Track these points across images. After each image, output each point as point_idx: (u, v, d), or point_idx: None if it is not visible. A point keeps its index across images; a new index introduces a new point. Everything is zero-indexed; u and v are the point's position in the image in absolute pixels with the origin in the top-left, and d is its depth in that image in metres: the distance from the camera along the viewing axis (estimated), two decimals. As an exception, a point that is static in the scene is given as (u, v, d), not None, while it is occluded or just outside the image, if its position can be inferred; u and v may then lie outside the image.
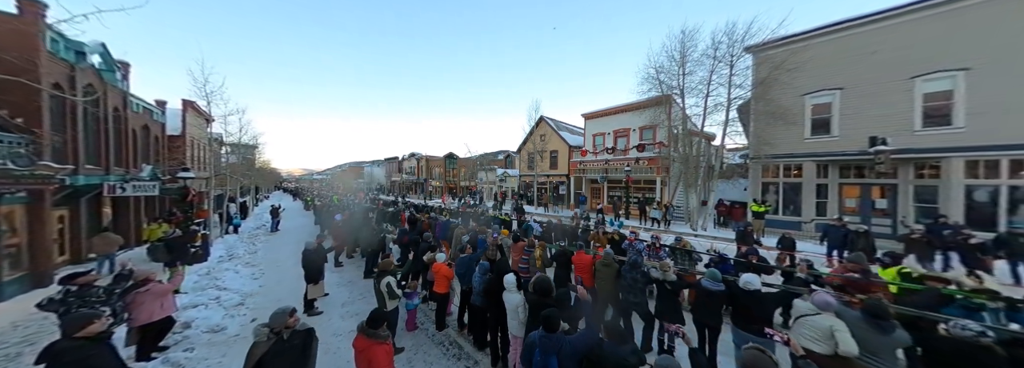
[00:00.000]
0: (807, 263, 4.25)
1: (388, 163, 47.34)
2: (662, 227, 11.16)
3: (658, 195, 12.91)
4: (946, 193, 7.51)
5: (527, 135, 20.95)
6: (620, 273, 3.89)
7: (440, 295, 4.25)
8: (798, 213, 9.52)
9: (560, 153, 19.48)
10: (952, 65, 7.48)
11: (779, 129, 9.50)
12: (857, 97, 8.71)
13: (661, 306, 3.53)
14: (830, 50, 9.10)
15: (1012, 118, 6.83)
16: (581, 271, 4.41)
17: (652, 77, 12.02)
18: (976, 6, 7.21)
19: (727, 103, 10.25)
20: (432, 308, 4.56)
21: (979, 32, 7.18)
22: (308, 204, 19.09)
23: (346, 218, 9.08)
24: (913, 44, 7.91)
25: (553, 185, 20.00)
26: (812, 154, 9.35)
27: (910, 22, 7.98)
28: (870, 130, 8.23)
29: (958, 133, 7.44)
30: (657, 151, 12.86)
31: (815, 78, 9.22)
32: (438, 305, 4.32)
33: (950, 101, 7.58)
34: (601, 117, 16.79)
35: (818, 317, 2.66)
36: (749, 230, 6.35)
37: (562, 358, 2.10)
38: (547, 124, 20.44)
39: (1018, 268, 5.28)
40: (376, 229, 7.45)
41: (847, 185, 9.06)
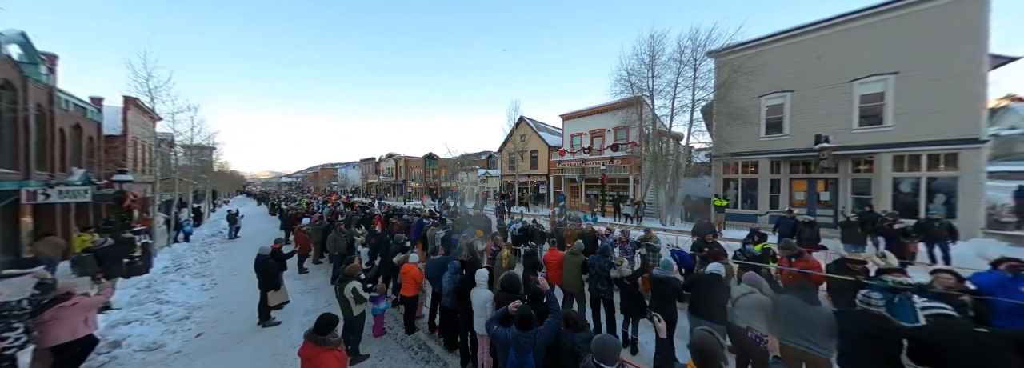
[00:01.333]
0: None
1: (364, 164, 45.72)
2: (634, 223, 11.55)
3: (631, 192, 13.37)
4: (878, 185, 8.34)
5: (507, 136, 21.01)
6: (587, 264, 4.01)
7: (409, 298, 4.16)
8: (755, 206, 10.21)
9: (540, 153, 19.69)
10: (883, 70, 8.31)
11: (738, 129, 10.14)
12: (805, 99, 9.47)
13: (624, 301, 3.65)
14: (781, 55, 9.83)
15: (931, 117, 7.69)
16: (551, 268, 4.48)
17: (624, 79, 12.45)
18: (902, 17, 8.07)
19: (691, 104, 10.82)
20: (402, 312, 4.45)
21: (905, 40, 8.04)
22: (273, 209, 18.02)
23: (314, 222, 8.68)
24: (851, 50, 8.72)
25: (534, 185, 20.18)
26: (766, 152, 10.06)
27: (848, 30, 8.79)
28: (816, 129, 8.97)
29: (887, 131, 8.29)
30: (630, 151, 13.32)
31: (769, 81, 9.93)
32: (407, 308, 4.23)
33: (882, 102, 8.41)
34: (578, 118, 17.15)
35: (753, 294, 2.87)
36: (707, 222, 6.72)
37: (536, 351, 2.18)
38: (527, 124, 20.59)
39: (934, 250, 5.95)
40: (345, 232, 7.16)
41: (796, 180, 9.83)
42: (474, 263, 3.98)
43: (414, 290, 4.14)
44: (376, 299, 4.06)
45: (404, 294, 4.18)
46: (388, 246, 5.23)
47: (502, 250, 4.84)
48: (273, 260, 4.78)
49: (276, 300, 4.72)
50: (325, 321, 2.44)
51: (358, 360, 3.63)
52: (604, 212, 13.63)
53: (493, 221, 9.42)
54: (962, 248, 6.03)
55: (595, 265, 3.88)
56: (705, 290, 3.21)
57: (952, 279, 3.13)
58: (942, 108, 7.59)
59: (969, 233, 7.19)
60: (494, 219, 10.02)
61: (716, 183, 11.23)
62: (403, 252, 4.63)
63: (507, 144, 20.98)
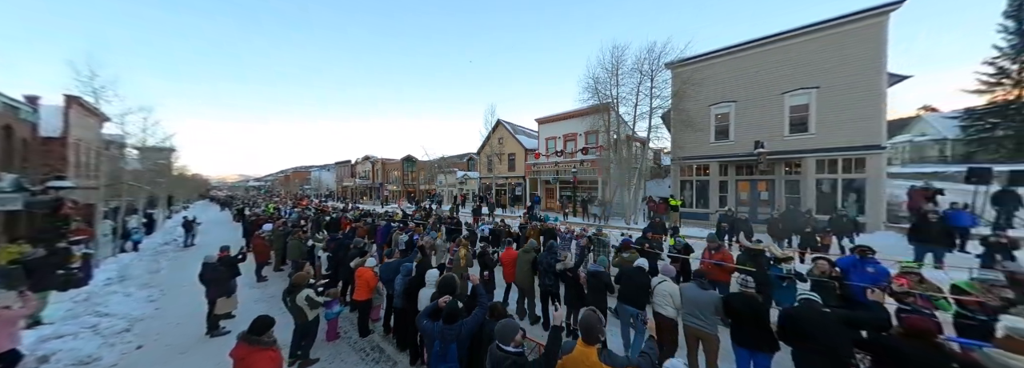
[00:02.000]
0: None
1: (339, 167, 44.06)
2: (602, 222, 12.20)
3: (599, 194, 14.09)
4: (805, 185, 9.48)
5: (485, 139, 21.28)
6: (537, 260, 4.33)
7: (361, 302, 4.22)
8: (707, 206, 11.18)
9: (517, 156, 20.11)
10: (807, 84, 9.49)
11: (691, 135, 11.09)
12: (747, 108, 10.56)
13: (567, 293, 3.99)
14: (726, 68, 10.91)
15: (844, 126, 8.90)
16: (507, 266, 4.74)
17: (591, 87, 13.18)
18: (819, 39, 9.28)
19: (649, 112, 11.68)
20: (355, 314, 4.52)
21: (823, 59, 9.24)
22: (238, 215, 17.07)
23: (277, 227, 8.43)
24: (781, 66, 9.87)
25: (511, 186, 20.55)
26: (716, 156, 11.08)
27: (778, 48, 9.95)
28: (755, 135, 10.04)
29: (811, 138, 9.46)
30: (598, 154, 14.04)
31: (716, 92, 10.97)
32: (360, 312, 4.29)
33: (807, 113, 9.59)
34: (553, 122, 17.77)
35: (665, 283, 3.34)
36: (658, 221, 7.36)
37: (460, 340, 2.37)
38: (504, 128, 20.97)
39: (842, 241, 6.92)
40: (304, 238, 7.07)
41: (741, 181, 10.90)
42: (425, 264, 4.11)
43: (367, 294, 4.19)
44: (329, 303, 4.11)
45: (356, 298, 4.24)
46: (348, 250, 5.24)
47: (460, 250, 5.06)
48: (223, 267, 4.66)
49: (224, 308, 4.64)
50: (261, 322, 2.44)
51: (306, 364, 3.67)
52: (575, 212, 14.24)
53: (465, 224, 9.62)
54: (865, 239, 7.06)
55: (543, 261, 4.20)
56: (629, 280, 3.64)
57: (826, 265, 3.80)
58: (852, 118, 8.82)
59: (874, 227, 8.39)
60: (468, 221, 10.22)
61: (674, 185, 12.16)
62: (361, 256, 4.62)
63: (485, 147, 21.26)
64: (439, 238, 6.31)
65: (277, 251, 7.47)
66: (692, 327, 3.09)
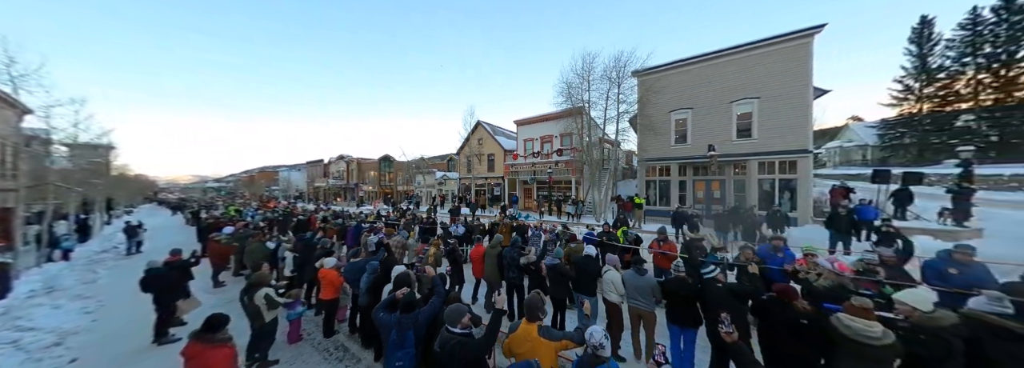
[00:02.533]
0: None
1: (311, 167, 41.89)
2: (574, 220, 12.84)
3: (574, 193, 14.79)
4: (749, 185, 10.69)
5: (464, 139, 21.43)
6: (501, 254, 4.50)
7: (327, 302, 4.20)
8: (668, 203, 12.18)
9: (496, 156, 20.45)
10: (750, 94, 10.73)
11: (654, 138, 12.06)
12: (701, 115, 11.69)
13: (531, 285, 4.30)
14: (683, 78, 12.01)
15: (780, 133, 10.18)
16: (476, 261, 4.99)
17: (565, 91, 13.87)
18: (759, 55, 10.55)
19: (617, 116, 12.54)
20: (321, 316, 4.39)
21: (762, 72, 10.51)
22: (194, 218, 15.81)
23: (239, 230, 8.04)
24: (729, 78, 11.08)
25: (490, 187, 20.83)
26: (676, 158, 12.13)
27: (726, 62, 11.16)
28: (709, 139, 11.14)
29: (754, 142, 10.70)
30: (573, 155, 14.74)
31: (676, 99, 12.03)
32: (326, 312, 4.26)
33: (751, 120, 10.83)
34: (530, 124, 18.33)
35: (610, 272, 3.79)
36: (621, 218, 8.03)
37: (417, 328, 2.47)
38: (484, 129, 21.24)
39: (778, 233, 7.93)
40: (268, 239, 6.87)
41: (698, 181, 12.02)
42: (391, 261, 4.16)
43: (333, 293, 4.16)
44: (291, 304, 4.01)
45: (322, 298, 4.21)
46: (314, 251, 5.09)
47: (430, 248, 5.26)
48: (173, 272, 4.43)
49: (189, 308, 4.39)
50: (216, 320, 2.38)
51: (265, 365, 3.59)
52: (550, 211, 14.81)
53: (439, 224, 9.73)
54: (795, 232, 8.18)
55: (507, 256, 4.46)
56: (582, 269, 4.06)
57: (750, 252, 4.48)
58: (786, 126, 10.11)
59: (803, 221, 9.66)
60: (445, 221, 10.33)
61: (640, 184, 13.11)
62: (327, 257, 4.53)
63: (464, 147, 21.40)
64: (411, 238, 6.44)
65: (236, 255, 7.13)
66: (634, 307, 3.51)
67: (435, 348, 2.14)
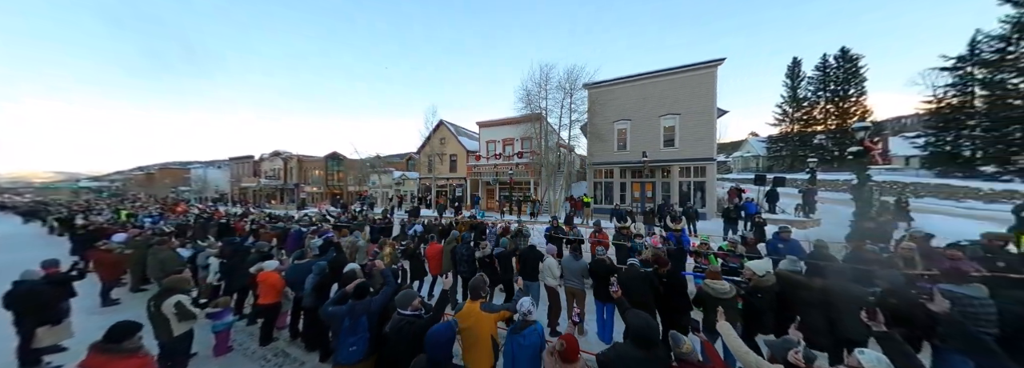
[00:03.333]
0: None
1: (237, 164, 36.32)
2: (532, 219, 13.91)
3: (532, 193, 15.95)
4: (672, 186, 13.00)
5: (426, 138, 21.20)
6: (454, 250, 4.88)
7: (267, 307, 3.90)
8: (611, 202, 14.07)
9: (459, 157, 20.70)
10: (673, 111, 13.06)
11: (601, 145, 13.81)
12: (638, 126, 13.79)
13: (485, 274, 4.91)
14: (624, 93, 14.03)
15: (694, 144, 12.63)
16: (432, 259, 5.16)
17: (524, 97, 14.98)
18: (678, 78, 12.95)
19: (569, 124, 14.04)
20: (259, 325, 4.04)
21: (681, 93, 12.92)
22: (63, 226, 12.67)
23: (135, 237, 6.72)
24: (658, 95, 13.33)
25: (452, 187, 20.97)
26: (618, 162, 14.08)
27: (657, 81, 13.43)
28: (643, 147, 13.22)
29: (676, 151, 13.05)
30: (532, 158, 15.89)
31: (618, 111, 13.98)
32: (265, 318, 3.95)
33: (674, 132, 13.17)
34: (493, 126, 19.08)
35: (549, 259, 4.61)
36: (570, 215, 9.23)
37: (370, 315, 2.55)
38: (446, 128, 21.32)
39: (690, 226, 9.93)
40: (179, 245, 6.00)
41: (635, 183, 14.13)
42: (341, 260, 4.11)
43: (274, 297, 3.89)
44: (217, 314, 3.61)
45: (262, 303, 3.91)
46: (245, 255, 4.76)
47: (385, 248, 5.13)
48: (50, 287, 3.59)
49: (50, 339, 3.47)
50: (121, 328, 2.03)
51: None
52: (511, 211, 15.71)
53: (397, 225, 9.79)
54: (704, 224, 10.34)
55: (458, 251, 4.78)
56: (526, 258, 4.56)
57: (657, 239, 5.81)
58: (698, 138, 12.60)
59: (710, 215, 12.12)
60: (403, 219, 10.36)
61: (589, 185, 14.83)
62: (263, 260, 4.25)
63: (425, 146, 21.16)
64: (363, 239, 6.21)
65: (134, 267, 5.90)
66: (569, 286, 4.10)
67: (386, 330, 2.29)
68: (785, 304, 2.77)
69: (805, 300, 2.66)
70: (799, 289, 2.74)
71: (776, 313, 2.76)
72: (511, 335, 2.25)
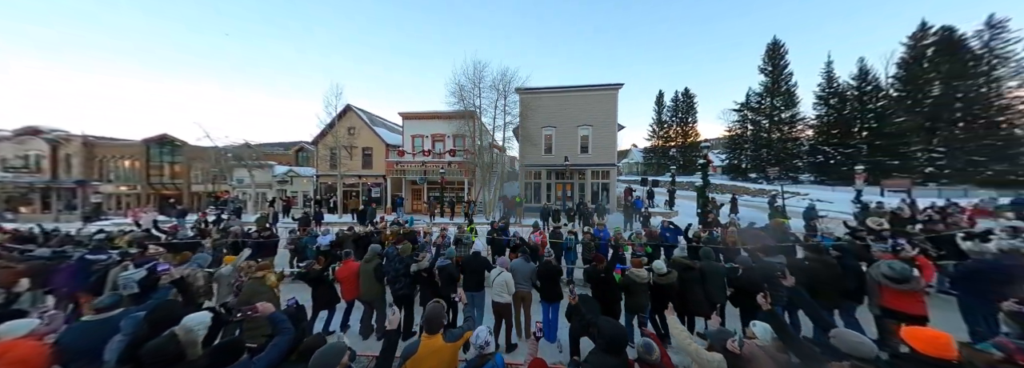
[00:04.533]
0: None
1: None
2: (466, 221, 13.79)
3: (466, 194, 15.76)
4: (587, 187, 15.48)
5: (328, 126, 17.43)
6: (380, 268, 4.11)
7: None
8: (540, 201, 15.58)
9: (375, 151, 18.13)
10: (588, 123, 15.47)
11: (531, 148, 14.97)
12: (561, 133, 15.65)
13: (424, 292, 4.07)
14: (550, 102, 15.65)
15: (601, 151, 15.37)
16: (346, 281, 4.20)
17: (457, 92, 14.52)
18: (591, 95, 15.44)
19: (504, 125, 14.61)
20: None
21: (593, 108, 15.42)
22: None
23: None
24: (577, 108, 15.49)
25: (366, 187, 18.23)
26: (545, 165, 15.69)
27: (575, 96, 15.64)
28: (565, 152, 15.12)
29: (590, 156, 15.58)
30: (466, 157, 15.62)
31: (545, 118, 15.48)
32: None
33: (589, 141, 15.62)
34: (420, 120, 17.61)
35: (503, 274, 3.94)
36: (508, 215, 9.67)
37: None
38: (357, 116, 18.24)
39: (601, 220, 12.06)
40: None
41: (558, 183, 16.08)
42: (172, 308, 2.30)
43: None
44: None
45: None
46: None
47: (266, 276, 3.61)
48: None
49: None
50: None
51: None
52: (442, 213, 15.04)
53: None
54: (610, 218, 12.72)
55: (389, 268, 4.09)
56: (470, 267, 4.23)
57: (589, 234, 6.83)
58: (604, 146, 15.40)
59: (614, 210, 15.06)
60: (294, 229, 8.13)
61: (521, 185, 15.89)
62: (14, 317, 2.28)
63: (327, 136, 17.43)
64: (228, 263, 4.12)
65: None
66: (519, 290, 3.96)
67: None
68: (685, 284, 3.85)
69: (690, 278, 3.79)
70: (687, 270, 3.88)
71: (679, 294, 3.58)
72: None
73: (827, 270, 3.49)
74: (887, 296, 3.02)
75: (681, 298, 3.59)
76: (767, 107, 24.82)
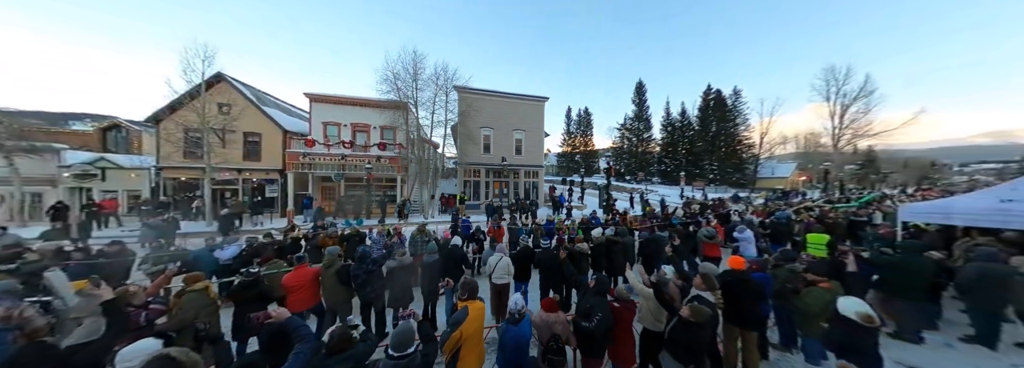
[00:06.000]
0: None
1: None
2: (401, 220, 13.01)
3: (398, 192, 14.68)
4: (520, 185, 17.30)
5: (183, 95, 12.36)
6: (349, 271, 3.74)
7: None
8: (479, 198, 16.29)
9: (267, 138, 14.28)
10: (521, 127, 17.30)
11: (471, 146, 15.47)
12: (499, 135, 16.86)
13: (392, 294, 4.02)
14: (489, 104, 16.62)
15: (532, 154, 17.52)
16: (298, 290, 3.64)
17: (390, 80, 13.48)
18: (524, 103, 17.38)
19: (445, 122, 14.55)
20: None
21: (526, 114, 17.39)
22: None
23: None
24: (512, 113, 17.08)
25: (254, 185, 14.15)
26: (484, 164, 16.51)
27: (511, 102, 17.17)
28: (502, 153, 16.39)
29: (523, 158, 17.47)
30: (398, 151, 14.51)
31: (484, 119, 16.32)
32: None
33: (522, 144, 17.46)
34: (337, 105, 15.06)
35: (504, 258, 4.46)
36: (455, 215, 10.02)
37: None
38: (235, 89, 13.89)
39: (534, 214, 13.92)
40: None
41: (495, 182, 17.23)
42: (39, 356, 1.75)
43: None
44: None
45: None
46: None
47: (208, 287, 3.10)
48: None
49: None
50: None
51: None
52: (370, 214, 13.53)
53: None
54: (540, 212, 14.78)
55: (359, 271, 3.75)
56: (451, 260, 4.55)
57: (541, 228, 8.17)
58: (535, 150, 17.64)
59: (543, 205, 17.41)
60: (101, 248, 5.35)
61: (460, 183, 16.12)
62: None
63: (178, 109, 12.41)
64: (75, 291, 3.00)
65: None
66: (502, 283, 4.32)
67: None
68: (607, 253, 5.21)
69: (612, 250, 5.09)
70: (614, 244, 5.17)
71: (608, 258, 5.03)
72: (508, 326, 2.47)
73: (684, 237, 5.95)
74: (706, 248, 5.49)
75: (609, 261, 5.12)
76: (635, 129, 35.02)
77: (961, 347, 3.49)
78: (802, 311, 2.96)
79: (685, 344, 2.34)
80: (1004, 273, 3.36)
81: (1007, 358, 3.28)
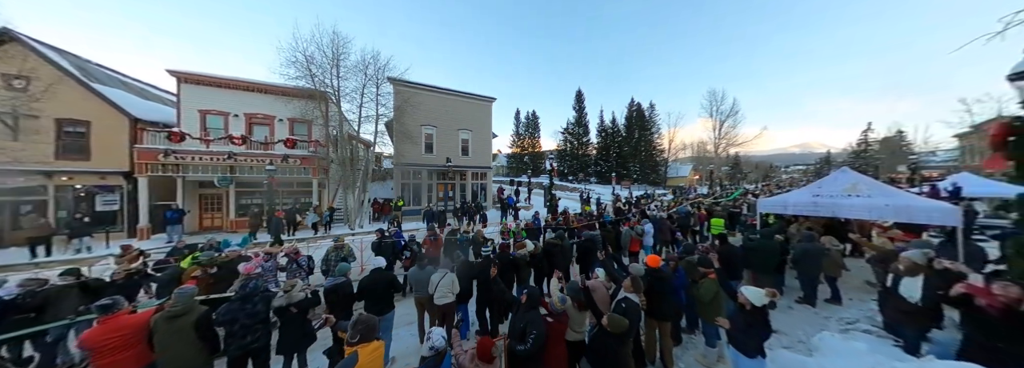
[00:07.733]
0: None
1: None
2: (322, 232, 10.74)
3: (315, 198, 12.12)
4: (467, 187, 16.35)
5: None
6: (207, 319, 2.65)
7: None
8: (420, 203, 14.72)
9: (101, 128, 10.12)
10: (468, 127, 16.45)
11: (409, 146, 13.89)
12: (442, 134, 15.64)
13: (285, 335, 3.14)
14: (431, 101, 15.29)
15: (480, 154, 16.80)
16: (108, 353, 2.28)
17: (302, 64, 11.14)
18: (471, 102, 16.65)
19: (375, 117, 12.70)
20: None
21: (473, 114, 16.64)
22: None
23: None
24: (457, 112, 16.12)
25: (80, 193, 9.81)
26: (425, 165, 15.03)
27: (457, 100, 16.19)
28: (446, 153, 15.22)
29: (470, 159, 16.56)
30: (313, 150, 12.02)
31: (425, 116, 14.92)
32: None
33: (468, 144, 16.58)
34: (221, 88, 11.69)
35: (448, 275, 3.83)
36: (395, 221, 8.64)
37: None
38: (39, 56, 9.49)
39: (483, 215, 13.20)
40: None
41: (440, 184, 15.90)
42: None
43: None
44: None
45: None
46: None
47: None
48: None
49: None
50: None
51: None
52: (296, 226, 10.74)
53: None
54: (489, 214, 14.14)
55: (231, 315, 2.78)
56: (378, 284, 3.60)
57: (480, 231, 7.55)
58: (481, 150, 17.00)
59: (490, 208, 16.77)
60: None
61: (396, 187, 14.28)
62: None
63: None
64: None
65: None
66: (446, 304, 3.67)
67: None
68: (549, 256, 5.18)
69: (554, 252, 5.07)
70: (556, 247, 5.24)
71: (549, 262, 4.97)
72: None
73: (614, 236, 6.32)
74: (633, 244, 6.05)
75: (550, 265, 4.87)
76: (576, 133, 37.85)
77: (797, 307, 4.59)
78: (698, 300, 3.34)
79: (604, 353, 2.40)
80: (817, 250, 4.57)
81: (824, 312, 4.46)
